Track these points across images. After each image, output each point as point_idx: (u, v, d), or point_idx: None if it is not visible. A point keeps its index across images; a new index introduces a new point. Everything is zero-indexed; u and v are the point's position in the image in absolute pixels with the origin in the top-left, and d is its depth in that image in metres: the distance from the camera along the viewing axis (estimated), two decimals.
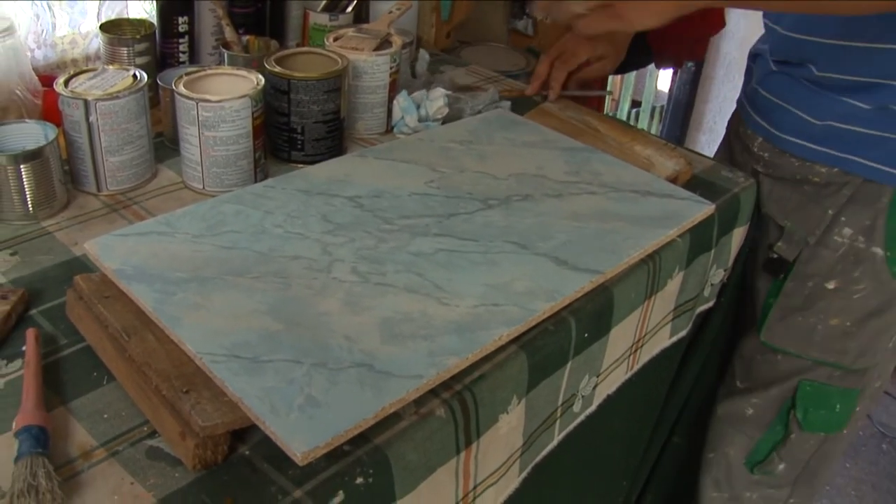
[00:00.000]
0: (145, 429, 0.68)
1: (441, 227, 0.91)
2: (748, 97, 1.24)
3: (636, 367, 1.05)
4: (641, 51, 1.83)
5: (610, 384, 1.00)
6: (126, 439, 0.67)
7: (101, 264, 0.80)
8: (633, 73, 3.17)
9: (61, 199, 0.97)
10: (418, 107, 1.21)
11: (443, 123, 1.21)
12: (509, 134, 1.16)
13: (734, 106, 1.33)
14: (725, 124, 1.39)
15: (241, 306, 0.75)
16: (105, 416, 0.69)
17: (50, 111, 1.05)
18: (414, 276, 0.82)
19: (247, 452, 0.66)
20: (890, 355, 1.18)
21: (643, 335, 1.02)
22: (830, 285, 1.13)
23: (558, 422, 0.92)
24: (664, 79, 3.30)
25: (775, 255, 1.17)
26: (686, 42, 1.86)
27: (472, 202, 0.97)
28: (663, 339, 1.09)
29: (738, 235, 1.17)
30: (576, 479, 1.11)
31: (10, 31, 1.03)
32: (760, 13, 1.21)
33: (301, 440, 0.62)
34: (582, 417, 0.97)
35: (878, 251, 1.08)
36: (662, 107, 3.31)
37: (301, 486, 0.63)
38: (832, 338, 1.14)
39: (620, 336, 0.95)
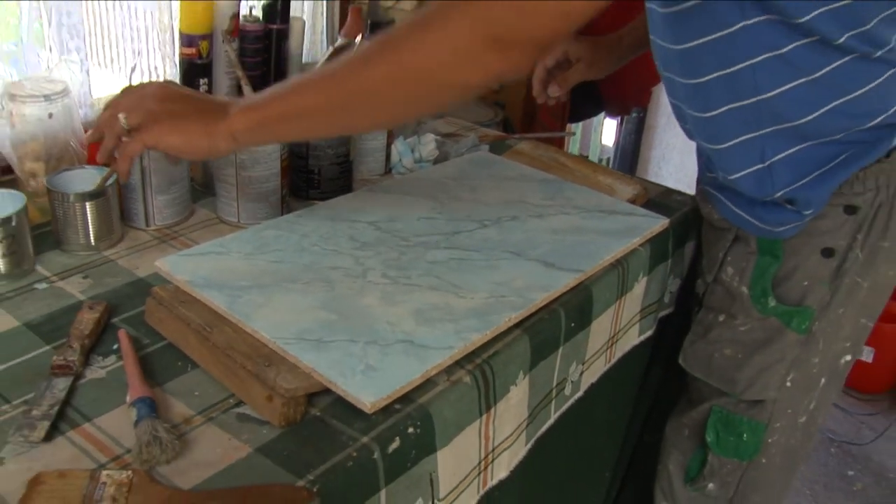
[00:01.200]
0: (231, 401, 0.84)
1: (449, 242, 1.09)
2: None
3: (613, 360, 1.23)
4: (593, 100, 2.06)
5: (593, 373, 1.18)
6: (218, 409, 0.83)
7: (174, 277, 0.96)
8: (580, 131, 3.42)
9: (118, 232, 1.13)
10: (412, 150, 1.40)
11: (433, 164, 1.40)
12: (492, 171, 1.35)
13: (676, 152, 1.51)
14: (669, 169, 1.58)
15: (299, 304, 0.92)
16: (196, 393, 0.85)
17: (93, 159, 1.21)
18: (433, 279, 1.00)
19: (318, 413, 0.82)
20: (797, 393, 1.22)
21: (617, 331, 1.21)
22: (721, 318, 1.25)
23: (553, 402, 1.09)
24: (609, 133, 3.56)
25: (697, 290, 1.33)
26: (632, 90, 2.09)
27: (470, 223, 1.15)
28: (633, 337, 1.27)
29: (691, 249, 1.37)
30: (568, 465, 1.28)
31: (65, 93, 1.19)
32: None
33: (368, 394, 0.79)
34: (572, 401, 1.14)
35: (745, 290, 1.19)
36: (609, 158, 3.56)
37: (366, 434, 0.79)
38: (725, 367, 1.23)
39: (599, 329, 1.14)
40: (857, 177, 1.08)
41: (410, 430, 0.81)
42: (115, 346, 0.91)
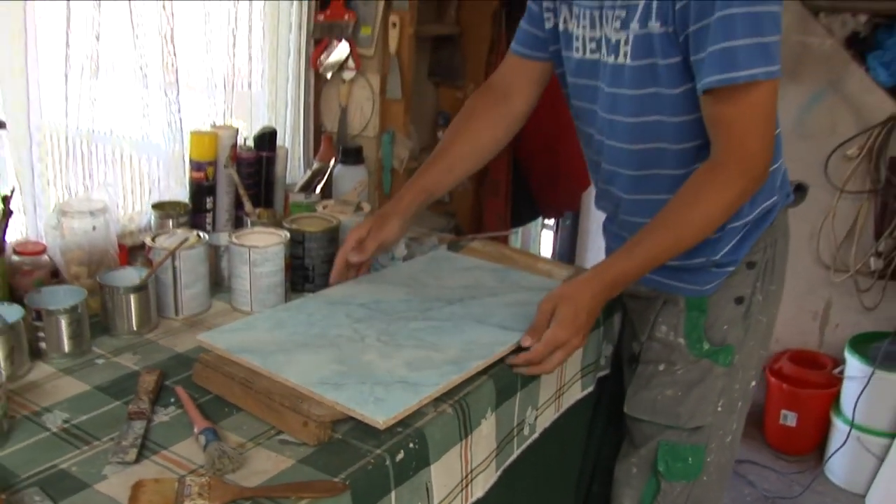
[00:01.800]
0: (272, 431, 1.09)
1: (424, 315, 1.38)
2: None
3: (562, 410, 1.50)
4: (530, 207, 2.40)
5: (546, 419, 1.45)
6: (263, 437, 1.08)
7: (215, 347, 1.22)
8: (519, 243, 3.78)
9: (154, 321, 1.39)
10: (387, 250, 1.69)
11: (403, 261, 1.70)
12: (451, 264, 1.65)
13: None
14: None
15: (316, 360, 1.19)
16: (243, 427, 1.10)
17: (124, 262, 1.48)
18: (416, 340, 1.28)
19: (340, 436, 1.08)
20: (724, 416, 1.51)
21: (563, 384, 1.49)
22: (660, 367, 1.52)
23: (515, 439, 1.36)
24: (546, 243, 3.93)
25: (631, 351, 1.62)
26: (564, 196, 2.44)
27: (439, 302, 1.44)
28: (577, 392, 1.55)
29: (618, 319, 1.68)
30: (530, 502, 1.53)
31: (105, 210, 1.47)
32: None
33: (380, 415, 1.06)
34: (530, 441, 1.41)
35: (681, 341, 1.50)
36: None
37: (379, 448, 1.05)
38: (669, 405, 1.50)
39: (547, 382, 1.42)
40: (758, 238, 1.45)
41: (411, 444, 1.08)
42: (172, 400, 1.16)
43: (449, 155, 1.55)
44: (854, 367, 2.78)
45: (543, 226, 3.74)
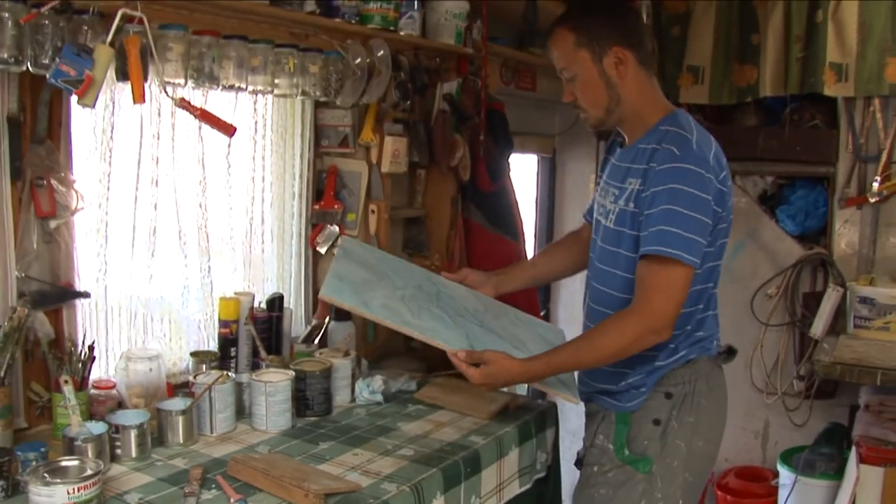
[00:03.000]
0: (284, 501, 1.57)
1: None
2: None
3: (503, 501, 1.97)
4: None
5: None
6: None
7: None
8: None
9: (195, 436, 1.89)
10: (368, 386, 2.21)
11: (382, 395, 2.20)
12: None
13: None
14: None
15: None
16: (264, 501, 1.58)
17: (171, 393, 1.99)
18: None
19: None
20: None
21: (502, 481, 1.97)
22: (595, 469, 1.91)
23: None
24: None
25: (578, 455, 2.06)
26: None
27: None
28: (515, 488, 2.03)
29: (552, 433, 2.17)
30: None
31: (158, 356, 1.99)
32: None
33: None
34: None
35: (610, 447, 1.89)
36: None
37: None
38: (603, 502, 1.87)
39: (488, 477, 1.90)
40: (672, 374, 1.85)
41: None
42: (213, 486, 1.64)
43: (532, 262, 2.35)
44: (784, 476, 3.20)
45: None
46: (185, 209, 2.15)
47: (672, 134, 1.77)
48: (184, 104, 1.88)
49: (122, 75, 1.74)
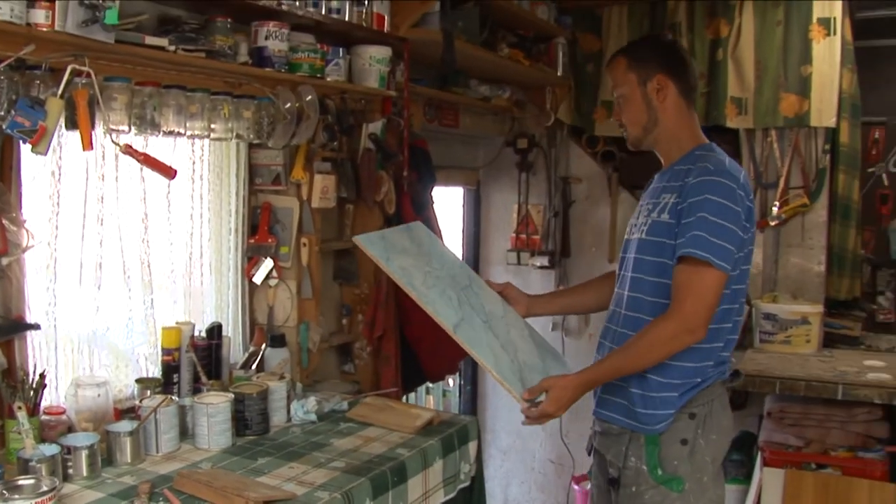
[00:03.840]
0: None
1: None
2: None
3: None
4: (418, 373, 3.12)
5: None
6: None
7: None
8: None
9: (142, 456, 2.03)
10: (302, 406, 2.38)
11: (316, 414, 2.38)
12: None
13: (505, 409, 2.50)
14: (499, 419, 2.56)
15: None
16: None
17: (118, 417, 2.13)
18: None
19: None
20: None
21: (428, 489, 2.15)
22: (633, 489, 2.01)
23: None
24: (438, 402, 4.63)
25: (610, 476, 2.08)
26: (445, 364, 3.17)
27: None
28: (441, 496, 2.22)
29: (474, 447, 2.36)
30: None
31: (106, 383, 2.13)
32: None
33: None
34: None
35: (644, 468, 1.99)
36: None
37: None
38: None
39: (414, 486, 2.09)
40: (696, 396, 1.99)
41: None
42: (161, 499, 1.80)
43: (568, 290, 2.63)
44: None
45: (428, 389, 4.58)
46: (129, 245, 2.30)
47: (705, 156, 2.01)
48: (128, 150, 2.04)
49: (72, 124, 1.91)
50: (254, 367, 2.57)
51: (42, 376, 2.01)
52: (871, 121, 3.83)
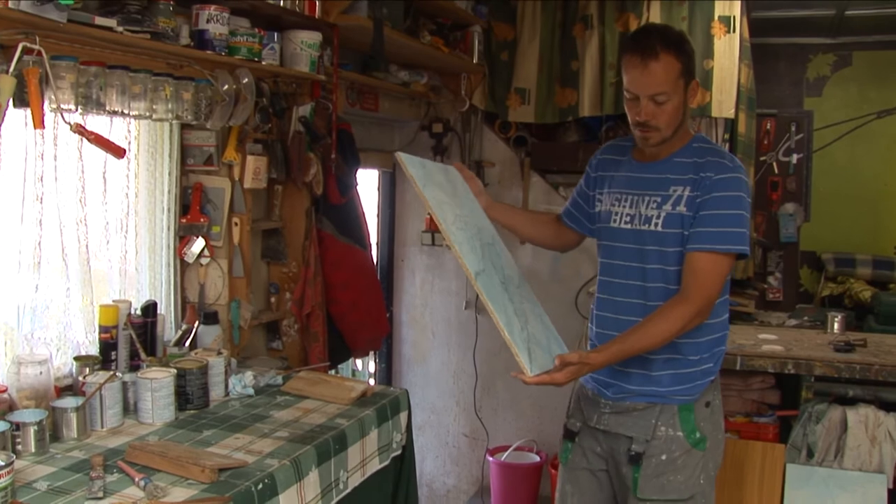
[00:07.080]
0: (182, 479, 1.81)
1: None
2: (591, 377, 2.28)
3: (366, 475, 2.27)
4: (344, 349, 3.23)
5: (355, 480, 2.22)
6: (177, 482, 1.80)
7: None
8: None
9: (88, 431, 2.08)
10: (240, 381, 2.45)
11: (253, 389, 2.46)
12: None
13: (421, 391, 2.63)
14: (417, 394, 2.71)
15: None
16: (164, 479, 1.82)
17: (58, 394, 2.16)
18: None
19: (223, 478, 1.82)
20: (706, 486, 2.13)
21: (365, 457, 2.27)
22: (663, 457, 2.11)
23: (334, 490, 2.11)
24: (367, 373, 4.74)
25: (633, 452, 2.13)
26: (369, 340, 3.28)
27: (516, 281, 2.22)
28: (376, 464, 2.34)
29: (405, 417, 2.49)
30: None
31: (47, 361, 2.16)
32: None
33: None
34: (344, 494, 2.16)
35: (680, 434, 2.11)
36: None
37: (247, 482, 1.80)
38: (673, 487, 2.10)
39: (353, 453, 2.20)
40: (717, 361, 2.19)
41: (266, 480, 1.83)
42: (115, 471, 1.86)
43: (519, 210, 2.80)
44: None
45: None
46: (67, 225, 2.32)
47: (710, 149, 2.14)
48: (79, 129, 2.07)
49: (20, 102, 1.92)
50: (187, 344, 2.62)
51: None
52: (763, 112, 4.13)
